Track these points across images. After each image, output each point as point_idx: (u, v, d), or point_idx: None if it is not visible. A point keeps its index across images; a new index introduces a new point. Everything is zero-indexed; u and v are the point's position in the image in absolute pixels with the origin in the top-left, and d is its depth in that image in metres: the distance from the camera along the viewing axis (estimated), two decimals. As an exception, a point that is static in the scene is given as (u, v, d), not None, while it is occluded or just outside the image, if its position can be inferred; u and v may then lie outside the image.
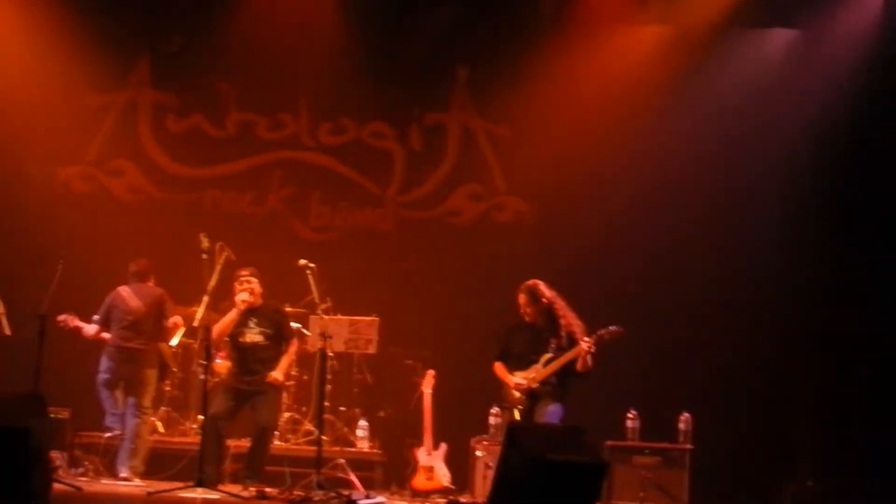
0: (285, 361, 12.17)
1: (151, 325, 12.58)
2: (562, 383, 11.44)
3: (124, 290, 12.69)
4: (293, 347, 12.38)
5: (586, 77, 15.11)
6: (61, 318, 12.28)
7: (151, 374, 12.60)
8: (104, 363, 12.55)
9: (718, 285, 14.64)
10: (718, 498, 12.78)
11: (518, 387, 11.49)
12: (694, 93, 14.97)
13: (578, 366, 11.30)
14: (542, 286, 11.66)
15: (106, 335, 12.55)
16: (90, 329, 12.53)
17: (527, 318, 11.68)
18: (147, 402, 12.53)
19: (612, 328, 11.35)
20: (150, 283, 12.86)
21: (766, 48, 15.21)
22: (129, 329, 12.49)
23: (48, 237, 14.00)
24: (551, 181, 15.13)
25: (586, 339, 11.30)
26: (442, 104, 15.74)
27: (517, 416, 11.48)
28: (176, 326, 12.72)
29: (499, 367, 11.75)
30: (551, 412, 11.27)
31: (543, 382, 11.45)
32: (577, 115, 15.06)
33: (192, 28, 15.27)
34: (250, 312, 12.07)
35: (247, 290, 12.01)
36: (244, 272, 12.10)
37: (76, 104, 15.21)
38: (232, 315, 11.99)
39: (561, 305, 11.59)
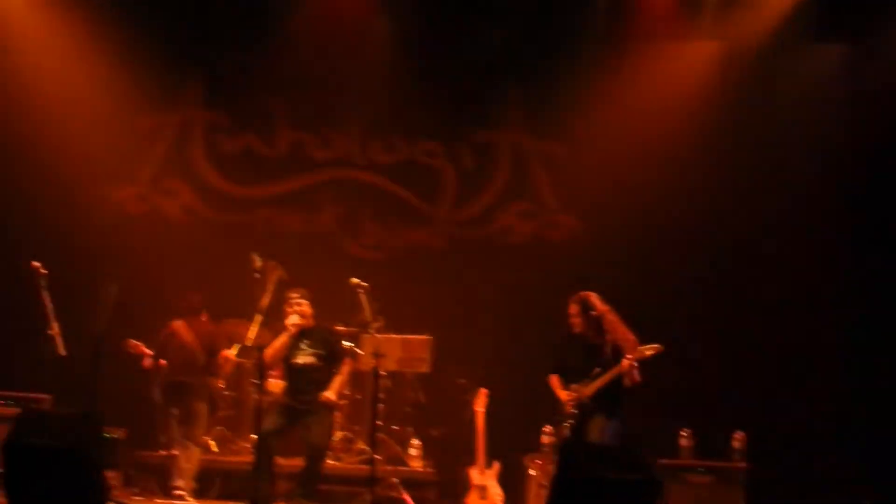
0: (338, 381, 12.17)
1: (204, 360, 12.76)
2: (612, 398, 11.39)
3: (179, 325, 12.89)
4: (346, 367, 12.38)
5: (638, 94, 15.05)
6: (133, 343, 12.45)
7: (203, 408, 12.79)
8: (157, 395, 12.82)
9: (774, 303, 14.54)
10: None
11: (568, 402, 11.48)
12: (746, 108, 14.90)
13: (625, 382, 11.27)
14: (595, 298, 11.62)
15: (162, 363, 12.75)
16: (149, 361, 12.77)
17: (575, 329, 11.65)
18: (199, 433, 12.71)
19: (653, 346, 11.27)
20: (203, 318, 13.05)
21: (819, 63, 15.09)
22: (183, 364, 12.70)
23: (103, 258, 14.07)
24: (603, 198, 15.08)
25: (629, 356, 11.24)
26: (493, 122, 15.74)
27: (567, 430, 11.45)
28: (227, 361, 12.87)
29: (554, 381, 11.77)
30: (607, 430, 11.23)
31: (593, 397, 11.41)
32: (629, 132, 15.01)
33: (243, 48, 15.32)
34: (302, 334, 12.10)
35: (297, 313, 12.04)
36: (294, 294, 12.14)
37: (130, 125, 15.29)
38: (283, 338, 12.02)
39: (610, 319, 11.51)
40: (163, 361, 12.82)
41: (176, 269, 13.67)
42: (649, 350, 11.26)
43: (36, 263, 11.85)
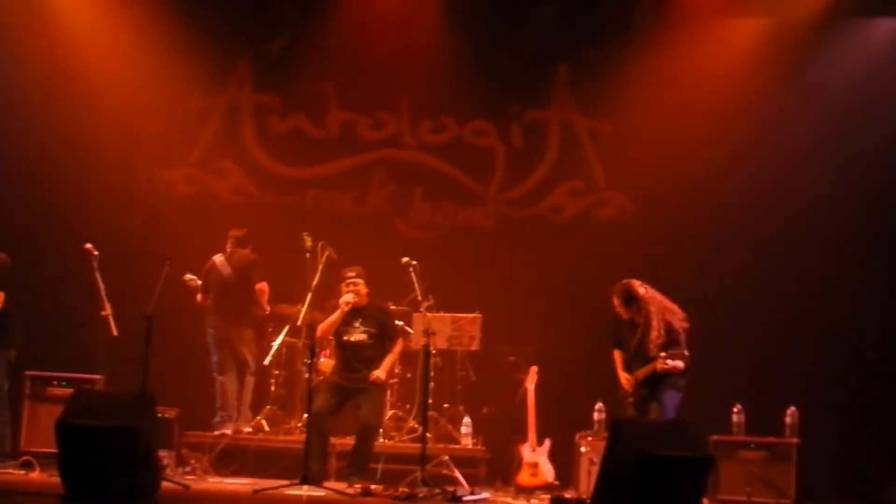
0: (389, 360, 12.22)
1: (241, 289, 13.27)
2: (663, 383, 11.37)
3: (218, 259, 13.49)
4: (398, 347, 12.45)
5: (688, 71, 15.00)
6: (188, 276, 12.86)
7: (249, 333, 13.39)
8: (208, 329, 13.39)
9: (824, 279, 14.44)
10: (826, 492, 12.58)
11: (627, 387, 11.50)
12: (797, 85, 14.81)
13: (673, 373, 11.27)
14: (636, 286, 11.57)
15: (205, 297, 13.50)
16: (199, 295, 13.38)
17: (622, 318, 11.62)
18: (248, 357, 13.25)
19: (678, 364, 11.21)
20: (247, 251, 13.50)
21: (871, 38, 14.97)
22: (222, 294, 13.28)
23: (153, 239, 14.19)
24: (653, 176, 15.03)
25: (660, 360, 11.20)
26: (543, 101, 15.72)
27: (629, 409, 11.55)
28: (262, 292, 13.32)
29: (616, 356, 11.80)
30: (668, 399, 11.22)
31: (643, 382, 11.40)
32: (679, 110, 14.96)
33: (293, 29, 15.38)
34: (356, 312, 12.16)
35: (353, 292, 12.09)
36: (350, 273, 12.20)
37: (179, 107, 15.38)
38: (336, 315, 12.08)
39: (651, 310, 11.45)
40: (200, 297, 13.45)
41: (222, 248, 13.71)
42: (679, 362, 11.19)
43: (88, 245, 11.94)
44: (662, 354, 11.19)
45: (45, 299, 13.86)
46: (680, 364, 11.18)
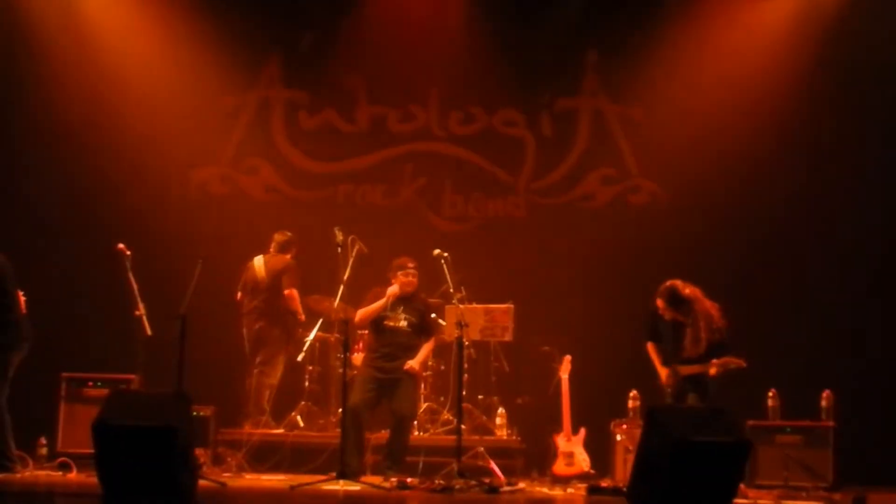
0: (423, 353, 12.23)
1: (272, 292, 13.46)
2: (706, 380, 11.36)
3: (257, 261, 13.69)
4: (432, 342, 12.48)
5: (718, 55, 14.98)
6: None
7: (274, 332, 13.46)
8: (242, 328, 13.66)
9: (857, 262, 14.39)
10: (863, 475, 12.50)
11: (667, 381, 11.48)
12: (827, 66, 14.70)
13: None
14: (681, 287, 11.50)
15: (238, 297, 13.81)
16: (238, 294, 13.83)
17: (667, 317, 11.57)
18: (267, 357, 13.40)
19: (739, 362, 11.17)
20: (287, 256, 13.66)
21: (900, 17, 14.88)
22: (255, 295, 13.57)
23: (186, 238, 14.23)
24: (684, 162, 14.99)
25: (714, 365, 11.16)
26: (572, 89, 15.68)
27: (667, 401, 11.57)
28: (292, 298, 13.46)
29: (650, 349, 11.78)
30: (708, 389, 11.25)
31: (686, 377, 11.39)
32: (710, 94, 14.95)
33: (320, 24, 15.41)
34: (400, 299, 12.17)
35: (408, 282, 12.12)
36: (410, 263, 12.24)
37: (210, 105, 15.44)
38: (379, 304, 12.10)
39: (698, 311, 11.40)
40: (240, 295, 13.71)
41: (259, 247, 13.76)
42: (734, 364, 11.15)
43: (121, 246, 11.96)
44: (715, 361, 11.16)
45: (78, 300, 13.98)
46: (732, 366, 11.17)
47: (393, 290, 12.09)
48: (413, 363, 12.01)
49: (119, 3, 15.10)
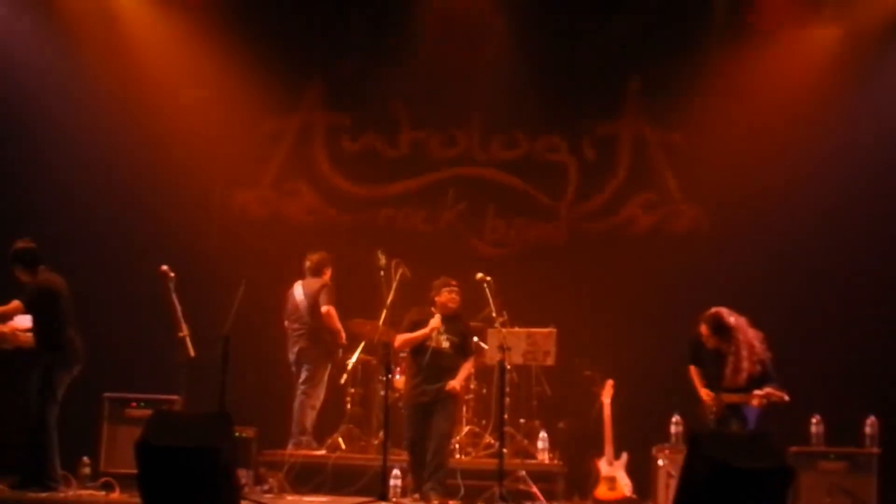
0: (464, 372, 12.19)
1: (313, 315, 13.40)
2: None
3: (296, 287, 13.63)
4: (471, 363, 12.44)
5: (760, 81, 14.92)
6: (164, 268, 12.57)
7: (315, 352, 13.40)
8: (289, 352, 13.59)
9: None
10: (910, 503, 12.45)
11: (710, 406, 11.43)
12: (871, 95, 14.67)
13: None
14: (725, 315, 11.42)
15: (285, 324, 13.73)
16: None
17: (709, 345, 11.52)
18: (309, 377, 13.32)
19: (781, 395, 11.10)
20: (323, 277, 13.58)
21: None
22: (297, 321, 13.50)
23: (227, 260, 14.34)
24: (727, 187, 14.96)
25: (756, 397, 11.10)
26: (614, 114, 15.67)
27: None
28: (329, 316, 13.35)
29: (693, 373, 11.73)
30: (751, 415, 11.16)
31: (728, 405, 11.34)
32: (751, 120, 14.93)
33: (363, 49, 15.45)
34: (443, 320, 12.14)
35: (450, 300, 12.10)
36: (453, 281, 12.20)
37: (252, 129, 15.54)
38: (423, 333, 12.01)
39: (741, 340, 11.34)
40: (286, 323, 13.63)
41: (300, 269, 13.78)
42: (775, 397, 11.09)
43: (164, 267, 12.02)
44: (758, 392, 11.10)
45: (121, 321, 14.02)
46: (774, 399, 11.11)
47: (435, 322, 12.03)
48: (455, 383, 11.98)
49: (162, 28, 15.17)
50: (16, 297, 11.57)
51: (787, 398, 11.08)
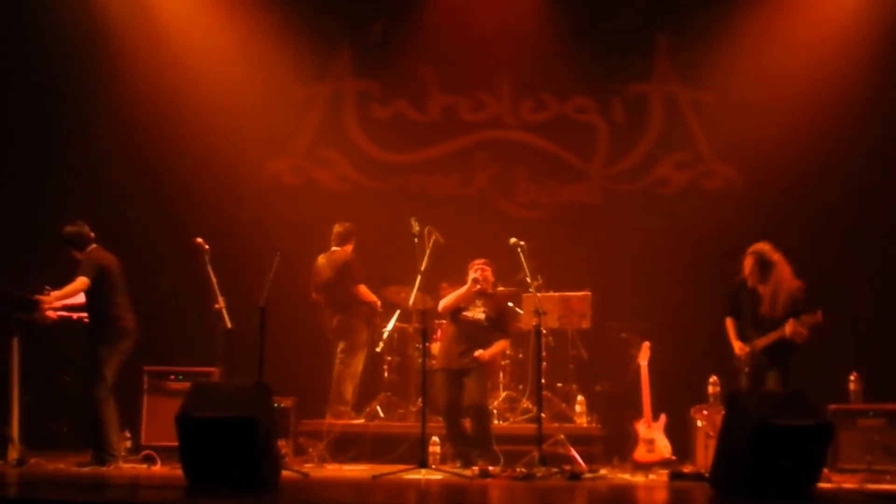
0: (496, 347, 12.28)
1: (341, 287, 13.51)
2: (785, 352, 11.27)
3: (321, 259, 13.79)
4: (505, 341, 12.53)
5: (790, 38, 14.89)
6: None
7: (352, 322, 13.52)
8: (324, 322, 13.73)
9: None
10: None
11: (742, 355, 11.43)
12: None
13: (796, 339, 11.13)
14: (770, 251, 11.47)
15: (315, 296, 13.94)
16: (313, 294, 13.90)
17: (750, 282, 11.52)
18: (347, 347, 13.43)
19: (813, 317, 11.08)
20: (347, 247, 13.70)
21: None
22: (326, 293, 13.69)
23: (261, 229, 14.39)
24: (759, 145, 14.93)
25: (788, 326, 11.09)
26: (644, 74, 15.63)
27: (743, 381, 11.50)
28: (362, 292, 13.50)
29: (729, 324, 11.73)
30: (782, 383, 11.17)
31: (764, 351, 11.31)
32: (783, 76, 14.89)
33: (390, 15, 15.45)
34: (480, 294, 12.23)
35: (485, 279, 12.25)
36: (479, 261, 12.32)
37: (282, 98, 15.56)
38: (463, 290, 12.24)
39: (783, 276, 11.35)
40: (314, 295, 13.78)
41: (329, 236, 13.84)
42: (808, 320, 11.07)
43: (199, 239, 12.05)
44: (789, 325, 11.10)
45: (158, 294, 14.08)
46: (808, 323, 11.09)
47: (473, 276, 12.21)
48: (483, 352, 12.04)
49: (193, 1, 15.22)
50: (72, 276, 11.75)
51: (819, 317, 11.06)
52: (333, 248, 13.71)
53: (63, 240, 11.89)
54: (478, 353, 12.06)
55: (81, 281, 11.66)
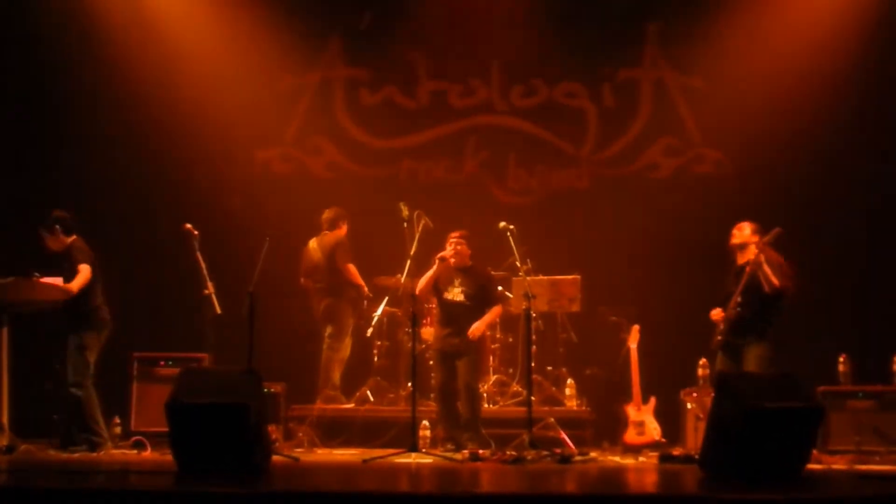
0: (487, 316, 12.33)
1: (329, 271, 13.59)
2: (759, 315, 11.28)
3: (312, 243, 13.85)
4: (496, 310, 12.51)
5: (780, 23, 14.87)
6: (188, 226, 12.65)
7: (340, 306, 13.58)
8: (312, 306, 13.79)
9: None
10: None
11: (716, 319, 11.43)
12: (888, 39, 14.55)
13: (765, 287, 11.12)
14: (751, 227, 11.53)
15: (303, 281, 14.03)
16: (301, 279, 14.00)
17: (732, 241, 11.59)
18: (335, 332, 13.49)
19: (772, 232, 11.11)
20: (337, 231, 13.82)
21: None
22: (316, 276, 13.78)
23: (251, 217, 14.42)
24: (748, 131, 14.90)
25: (756, 248, 11.18)
26: (633, 59, 15.62)
27: (718, 358, 11.55)
28: (349, 272, 13.59)
29: (714, 313, 11.69)
30: (763, 356, 11.16)
31: (738, 316, 11.30)
32: (772, 62, 14.86)
33: (378, 1, 15.43)
34: (457, 272, 12.30)
35: (453, 251, 12.23)
36: (454, 234, 12.36)
37: (272, 86, 15.57)
38: (431, 271, 12.22)
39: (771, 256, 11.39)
40: (302, 280, 13.86)
41: (319, 227, 13.84)
42: (770, 236, 11.12)
43: (188, 226, 12.06)
44: (756, 248, 11.23)
45: (147, 280, 14.11)
46: (771, 238, 11.15)
47: (440, 255, 12.25)
48: (473, 328, 12.10)
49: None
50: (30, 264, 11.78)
51: (780, 229, 11.14)
52: (325, 232, 13.73)
53: (54, 220, 11.90)
54: (470, 331, 12.12)
55: (87, 268, 11.75)
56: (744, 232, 11.59)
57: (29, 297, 11.66)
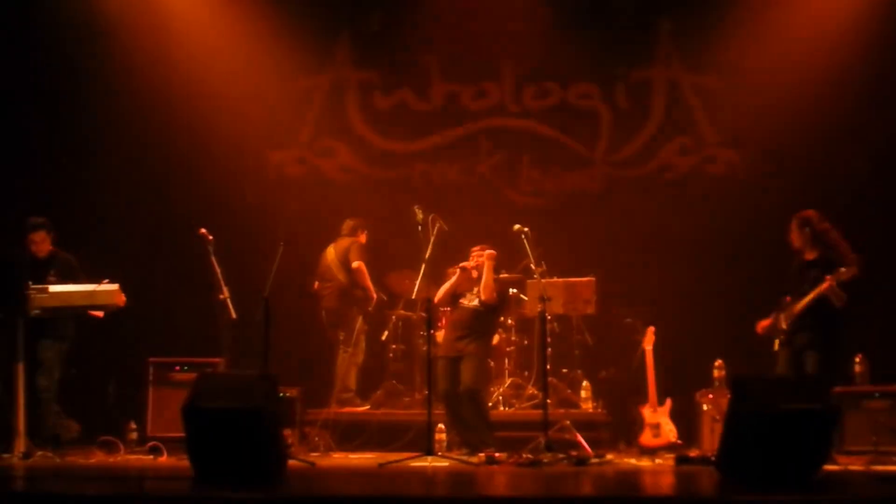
0: (447, 286, 12.39)
1: (340, 269, 13.65)
2: (822, 328, 11.27)
3: (329, 248, 13.85)
4: (454, 281, 12.48)
5: (793, 21, 14.79)
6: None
7: (349, 310, 13.62)
8: (322, 311, 13.87)
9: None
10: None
11: (763, 331, 11.43)
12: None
13: (834, 302, 11.10)
14: (815, 216, 11.52)
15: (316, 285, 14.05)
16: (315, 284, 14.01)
17: (793, 245, 11.54)
18: (347, 336, 13.51)
19: (850, 270, 11.08)
20: (357, 238, 13.83)
21: None
22: (327, 279, 13.78)
23: (265, 220, 14.40)
24: (762, 130, 14.85)
25: (829, 276, 11.10)
26: (646, 59, 15.56)
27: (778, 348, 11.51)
28: (359, 271, 13.57)
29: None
30: (823, 362, 11.15)
31: (796, 326, 11.30)
32: (785, 60, 14.76)
33: (390, 3, 15.42)
34: (477, 282, 12.26)
35: (475, 266, 12.24)
36: (476, 248, 12.33)
37: (284, 89, 15.53)
38: (451, 281, 12.29)
39: (834, 236, 11.36)
40: (316, 284, 13.87)
41: (337, 228, 13.85)
42: (845, 274, 11.07)
43: (203, 230, 12.08)
44: (829, 277, 11.17)
45: (162, 285, 14.12)
46: (846, 277, 11.12)
47: (461, 265, 12.27)
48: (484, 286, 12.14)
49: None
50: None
51: (856, 270, 11.18)
52: (344, 236, 13.75)
53: (51, 227, 12.10)
54: (465, 265, 12.26)
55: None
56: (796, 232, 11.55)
57: (114, 302, 11.80)
